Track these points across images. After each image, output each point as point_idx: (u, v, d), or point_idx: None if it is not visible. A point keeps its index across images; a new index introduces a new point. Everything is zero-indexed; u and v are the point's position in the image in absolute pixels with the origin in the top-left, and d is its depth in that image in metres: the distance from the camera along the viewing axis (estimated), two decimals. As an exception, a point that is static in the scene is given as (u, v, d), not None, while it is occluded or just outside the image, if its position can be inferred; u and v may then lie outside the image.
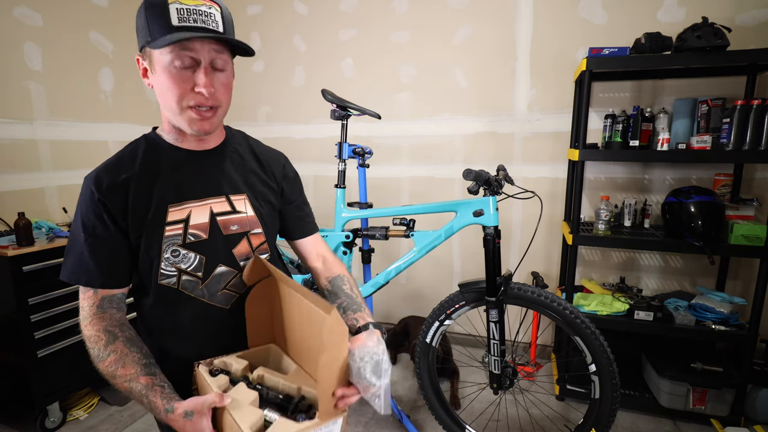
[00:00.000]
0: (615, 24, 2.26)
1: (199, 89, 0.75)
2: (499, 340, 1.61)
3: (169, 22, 0.70)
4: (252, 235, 0.90)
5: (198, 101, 0.76)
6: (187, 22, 0.71)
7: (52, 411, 2.01)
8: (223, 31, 0.75)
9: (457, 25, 2.56)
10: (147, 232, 0.80)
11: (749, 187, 2.18)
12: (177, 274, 0.83)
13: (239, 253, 0.88)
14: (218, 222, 0.86)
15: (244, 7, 3.02)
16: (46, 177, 2.35)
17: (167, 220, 0.81)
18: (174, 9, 0.70)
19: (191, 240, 0.83)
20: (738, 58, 1.81)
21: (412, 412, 2.16)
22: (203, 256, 0.84)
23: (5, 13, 2.16)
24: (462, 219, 1.64)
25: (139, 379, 0.74)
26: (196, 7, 0.71)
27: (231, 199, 0.88)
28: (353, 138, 2.78)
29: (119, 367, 0.75)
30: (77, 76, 2.50)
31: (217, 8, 0.74)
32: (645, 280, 2.43)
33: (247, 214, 0.89)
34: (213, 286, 0.86)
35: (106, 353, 0.75)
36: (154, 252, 0.81)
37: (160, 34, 0.71)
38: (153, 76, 0.77)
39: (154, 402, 0.72)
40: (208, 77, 0.75)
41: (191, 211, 0.83)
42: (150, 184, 0.81)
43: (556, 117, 2.45)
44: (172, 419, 0.70)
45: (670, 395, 2.02)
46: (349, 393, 0.75)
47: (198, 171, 0.85)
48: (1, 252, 1.81)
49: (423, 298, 2.93)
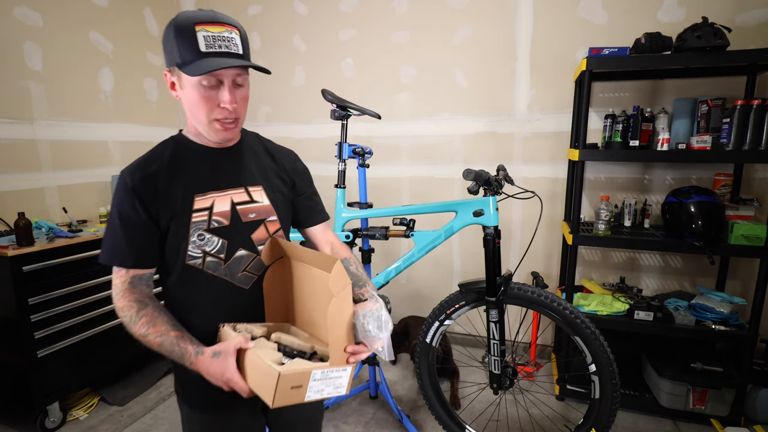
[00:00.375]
0: (615, 24, 2.26)
1: (224, 105, 0.86)
2: (499, 340, 1.61)
3: (198, 48, 0.81)
4: (268, 222, 0.99)
5: (223, 115, 0.88)
6: (213, 48, 0.82)
7: (52, 411, 2.01)
8: (242, 53, 0.86)
9: (457, 25, 2.56)
10: (176, 218, 0.90)
11: (749, 187, 2.18)
12: (202, 255, 0.92)
13: (257, 238, 0.98)
14: (238, 210, 0.95)
15: (245, 7, 3.02)
16: (46, 177, 2.35)
17: (194, 208, 0.91)
18: (201, 36, 0.81)
19: (215, 225, 0.92)
20: (738, 58, 1.81)
21: (412, 412, 2.16)
22: (225, 240, 0.94)
23: (5, 13, 2.16)
24: (462, 219, 1.64)
25: (169, 333, 0.85)
26: (220, 33, 0.83)
27: (249, 190, 0.97)
28: (353, 138, 2.78)
29: (151, 326, 0.86)
30: (77, 76, 2.50)
31: (236, 32, 0.86)
32: (645, 280, 2.43)
33: (264, 204, 0.99)
34: (234, 267, 0.95)
35: (137, 318, 0.86)
36: (182, 235, 0.90)
37: (190, 58, 0.82)
38: (181, 91, 0.88)
39: (185, 348, 0.83)
40: (231, 95, 0.86)
41: (214, 201, 0.93)
42: (177, 177, 0.91)
43: (556, 117, 2.45)
44: (201, 360, 0.81)
45: (670, 395, 2.02)
46: (359, 350, 0.83)
47: (219, 165, 0.96)
48: (1, 252, 1.81)
49: (423, 298, 2.93)
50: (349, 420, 2.09)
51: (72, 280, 2.04)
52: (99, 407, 2.22)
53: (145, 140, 2.92)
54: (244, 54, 0.87)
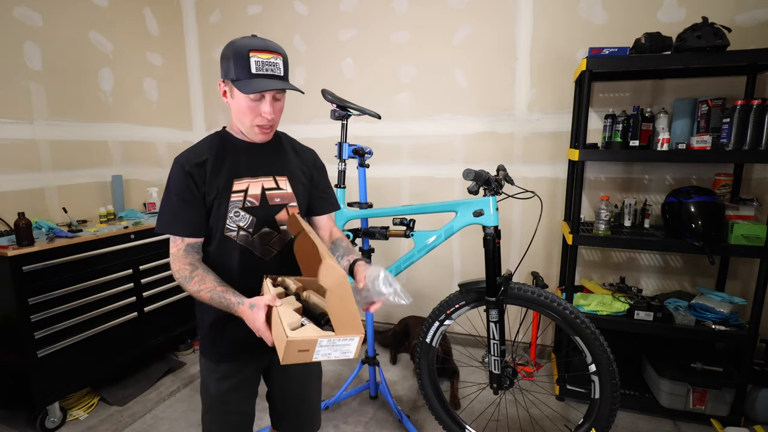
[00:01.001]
0: (615, 24, 2.26)
1: (265, 115, 1.08)
2: (499, 340, 1.61)
3: (249, 69, 1.03)
4: (290, 207, 1.20)
5: (263, 123, 1.10)
6: (261, 71, 1.04)
7: (52, 411, 2.01)
8: (283, 75, 1.09)
9: (457, 25, 2.56)
10: (219, 197, 1.11)
11: (749, 187, 2.18)
12: (236, 229, 1.13)
13: (280, 219, 1.18)
14: (267, 195, 1.16)
15: (244, 7, 3.02)
16: (46, 177, 2.35)
17: (233, 189, 1.12)
18: (253, 61, 1.03)
19: (248, 205, 1.13)
20: (738, 58, 1.81)
21: (412, 412, 2.16)
22: (254, 218, 1.14)
23: (5, 13, 2.16)
24: (462, 219, 1.64)
25: (216, 288, 1.03)
26: (268, 59, 1.05)
27: (276, 179, 1.19)
28: (353, 138, 2.78)
29: (201, 284, 1.04)
30: (77, 76, 2.50)
31: (281, 58, 1.07)
32: (645, 280, 2.43)
33: (287, 191, 1.20)
34: (258, 241, 1.15)
35: (191, 277, 1.05)
36: (222, 211, 1.11)
37: (243, 76, 1.04)
38: (232, 100, 1.10)
39: (229, 299, 1.00)
40: (271, 107, 1.08)
41: (249, 185, 1.14)
42: (222, 164, 1.12)
43: (556, 117, 2.45)
44: (241, 309, 0.98)
45: (670, 395, 2.02)
46: (373, 308, 1.02)
47: (255, 158, 1.17)
48: (1, 252, 1.81)
49: (423, 298, 2.93)
50: (349, 420, 2.09)
51: (72, 280, 2.04)
52: (99, 407, 2.22)
53: (145, 140, 2.92)
54: (284, 76, 1.09)
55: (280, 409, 1.32)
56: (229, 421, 1.23)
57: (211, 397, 1.21)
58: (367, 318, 2.13)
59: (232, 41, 1.07)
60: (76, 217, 2.38)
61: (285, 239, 1.19)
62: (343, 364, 2.63)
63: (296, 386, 1.31)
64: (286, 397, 1.31)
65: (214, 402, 1.22)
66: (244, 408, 1.25)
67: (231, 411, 1.22)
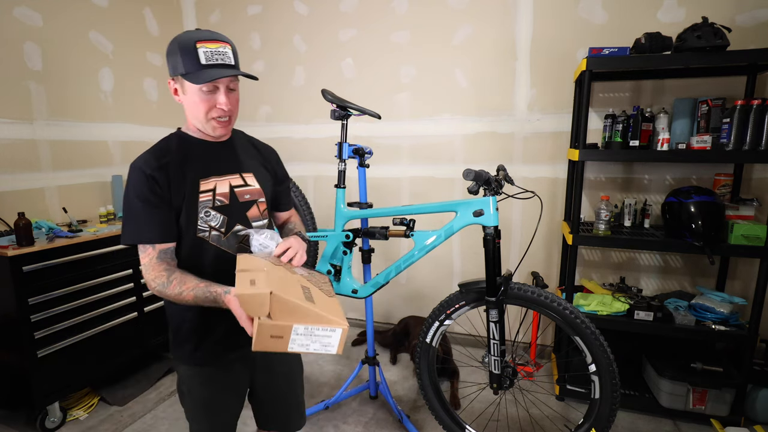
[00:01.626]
0: (615, 24, 2.26)
1: (220, 106, 1.05)
2: (499, 340, 1.61)
3: (199, 61, 1.00)
4: (260, 203, 1.19)
5: (219, 114, 1.07)
6: (211, 61, 1.01)
7: (52, 411, 2.01)
8: (234, 63, 1.05)
9: (457, 25, 2.56)
10: (187, 199, 1.07)
11: (749, 187, 2.18)
12: (208, 229, 1.10)
13: (251, 215, 1.17)
14: (235, 192, 1.14)
15: (244, 7, 3.02)
16: (46, 177, 2.35)
17: (200, 190, 1.09)
18: (201, 52, 1.00)
19: (218, 204, 1.11)
20: (738, 58, 1.81)
21: (412, 412, 2.16)
22: (226, 217, 1.12)
23: (5, 13, 2.16)
24: (462, 219, 1.63)
25: (199, 285, 1.01)
26: (216, 49, 1.02)
27: (243, 175, 1.17)
28: (353, 138, 2.78)
29: (183, 284, 1.01)
30: (77, 76, 2.50)
31: (229, 47, 1.05)
32: (645, 280, 2.43)
33: (255, 187, 1.18)
34: (232, 239, 1.13)
35: (169, 281, 1.02)
36: (192, 213, 1.07)
37: (193, 69, 1.01)
38: (184, 96, 1.06)
39: (215, 291, 0.98)
40: (227, 98, 1.05)
41: (216, 184, 1.11)
42: (184, 165, 1.08)
43: (556, 117, 2.45)
44: (228, 298, 0.96)
45: (670, 395, 2.02)
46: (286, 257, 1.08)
47: (218, 156, 1.15)
48: (1, 252, 1.81)
49: (423, 298, 2.93)
50: (349, 420, 2.09)
51: (72, 280, 2.04)
52: (99, 407, 2.22)
53: (145, 140, 2.92)
54: (235, 64, 1.06)
55: (267, 409, 1.31)
56: (217, 423, 1.21)
57: (196, 401, 1.18)
58: (367, 318, 2.13)
59: (176, 37, 1.04)
60: (76, 217, 2.38)
61: None
62: (343, 364, 2.63)
63: (283, 382, 1.30)
64: (274, 395, 1.29)
65: (199, 407, 1.18)
66: (232, 409, 1.23)
67: (219, 413, 1.20)
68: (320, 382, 2.44)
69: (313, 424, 2.06)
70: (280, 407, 1.31)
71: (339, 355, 2.74)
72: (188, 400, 1.19)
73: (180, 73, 1.02)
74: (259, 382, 1.27)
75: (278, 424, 1.33)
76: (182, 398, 1.21)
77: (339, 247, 1.93)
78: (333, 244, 1.94)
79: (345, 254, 1.94)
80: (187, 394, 1.19)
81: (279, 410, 1.32)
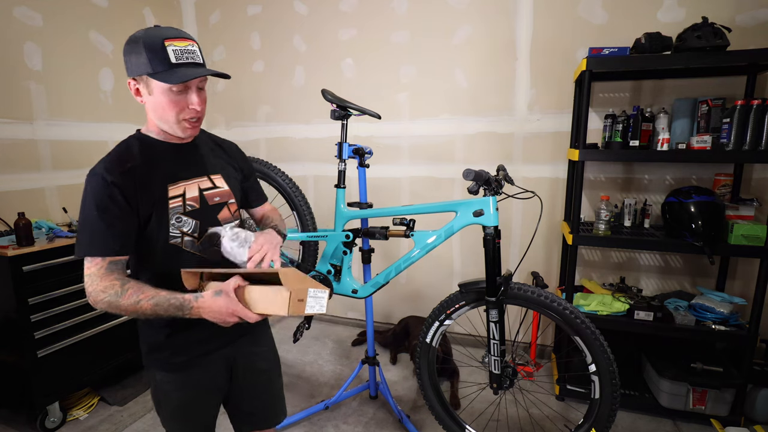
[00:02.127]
0: (615, 24, 2.26)
1: (193, 107, 1.01)
2: (499, 340, 1.61)
3: (169, 60, 0.95)
4: (230, 204, 1.17)
5: (191, 116, 1.03)
6: (181, 60, 0.96)
7: (52, 411, 2.01)
8: (203, 62, 1.03)
9: (457, 25, 2.56)
10: (157, 205, 1.03)
11: (749, 187, 2.18)
12: (180, 235, 1.07)
13: (223, 218, 1.14)
14: (205, 195, 1.11)
15: (244, 7, 3.02)
16: (46, 177, 2.35)
17: (169, 196, 1.05)
18: (171, 50, 0.95)
19: (189, 209, 1.07)
20: (738, 58, 1.81)
21: (412, 412, 2.16)
22: (197, 221, 1.09)
23: (5, 13, 2.16)
24: (462, 219, 1.63)
25: (160, 293, 0.96)
26: (185, 47, 0.98)
27: (211, 178, 1.14)
28: (353, 138, 2.78)
29: (140, 293, 0.96)
30: (77, 76, 2.50)
31: (196, 45, 1.01)
32: (645, 280, 2.43)
33: (224, 189, 1.16)
34: (206, 243, 1.10)
35: (123, 291, 0.96)
36: (164, 220, 1.04)
37: (163, 68, 0.95)
38: (149, 97, 1.01)
39: (183, 298, 0.95)
40: (198, 97, 1.01)
41: (185, 188, 1.08)
42: (151, 171, 1.03)
43: (556, 117, 2.45)
44: (201, 303, 0.94)
45: (670, 395, 2.02)
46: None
47: (185, 159, 1.11)
48: (1, 252, 1.81)
49: (423, 298, 2.93)
50: (349, 420, 2.09)
51: (72, 280, 2.03)
52: (99, 407, 2.22)
53: (145, 140, 2.92)
54: (203, 63, 1.03)
55: (247, 408, 1.27)
56: (198, 425, 1.19)
57: (174, 407, 1.15)
58: (367, 318, 2.13)
59: (136, 35, 0.97)
60: (76, 218, 2.38)
61: None
62: (343, 364, 2.63)
63: (265, 377, 1.28)
64: (255, 390, 1.26)
65: (178, 411, 1.15)
66: (212, 410, 1.21)
67: (199, 415, 1.18)
68: (320, 382, 2.44)
69: (313, 424, 2.06)
70: (261, 401, 1.29)
71: (339, 356, 2.75)
72: (166, 407, 1.16)
73: (147, 73, 0.96)
74: (242, 376, 1.23)
75: (260, 417, 1.30)
76: (158, 406, 1.17)
77: (339, 247, 1.93)
78: (333, 244, 1.94)
79: (345, 254, 1.94)
80: (164, 401, 1.15)
81: (261, 403, 1.29)
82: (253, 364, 1.25)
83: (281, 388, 1.36)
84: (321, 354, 2.77)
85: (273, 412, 1.33)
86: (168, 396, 1.14)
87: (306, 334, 2.96)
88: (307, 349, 2.84)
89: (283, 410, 1.36)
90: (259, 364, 1.27)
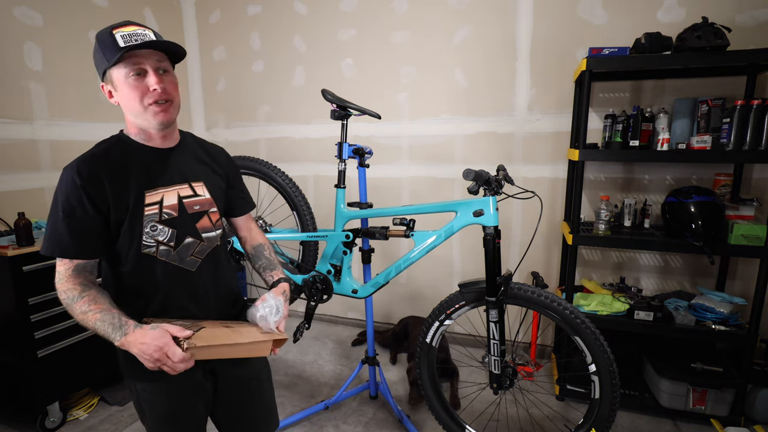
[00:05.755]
0: (615, 24, 2.26)
1: (153, 87, 0.96)
2: (499, 340, 1.61)
3: (118, 45, 0.93)
4: (211, 213, 1.12)
5: (154, 98, 0.97)
6: (130, 42, 0.94)
7: (52, 411, 2.01)
8: (156, 39, 0.97)
9: (457, 25, 2.56)
10: (131, 212, 0.99)
11: (749, 187, 2.18)
12: (155, 244, 1.03)
13: (202, 227, 1.10)
14: (184, 203, 1.07)
15: (244, 7, 3.02)
16: (46, 177, 2.35)
17: (145, 203, 1.01)
18: (119, 36, 0.94)
19: (165, 217, 1.03)
20: (738, 58, 1.81)
21: (412, 412, 2.16)
22: (174, 230, 1.05)
23: (5, 13, 2.16)
24: (462, 219, 1.64)
25: (111, 310, 0.94)
26: (134, 31, 0.96)
27: (192, 185, 1.10)
28: (353, 138, 2.78)
29: (93, 303, 0.94)
30: (77, 76, 2.50)
31: (150, 31, 0.98)
32: (645, 280, 2.43)
33: (206, 197, 1.12)
34: (182, 252, 1.07)
35: (80, 297, 0.95)
36: (137, 227, 1.00)
37: (113, 55, 0.93)
38: (117, 93, 0.99)
39: (125, 321, 0.92)
40: (157, 77, 0.97)
41: (163, 195, 1.04)
42: (126, 176, 1.00)
43: (556, 117, 2.45)
44: (138, 331, 0.90)
45: (670, 395, 2.02)
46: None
47: (165, 164, 1.06)
48: (1, 252, 1.81)
49: (423, 298, 2.93)
50: (349, 420, 2.09)
51: (72, 280, 2.03)
52: (99, 407, 2.22)
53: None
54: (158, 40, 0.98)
55: (231, 422, 1.22)
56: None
57: (160, 415, 1.10)
58: (367, 318, 2.13)
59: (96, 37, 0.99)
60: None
61: (210, 246, 1.11)
62: (343, 365, 2.63)
63: (252, 385, 1.23)
64: (241, 401, 1.21)
65: (165, 421, 1.11)
66: (201, 415, 1.16)
67: (188, 422, 1.13)
68: (320, 382, 2.44)
69: (313, 424, 2.06)
70: (245, 413, 1.22)
71: (339, 356, 2.75)
72: (151, 417, 1.11)
73: (106, 67, 0.96)
74: (226, 386, 1.18)
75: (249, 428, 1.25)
76: (142, 416, 1.13)
77: (339, 247, 1.93)
78: (333, 244, 1.94)
79: (345, 254, 1.94)
80: (148, 411, 1.10)
81: (246, 416, 1.22)
82: (236, 373, 1.19)
83: (272, 396, 1.30)
84: (321, 354, 2.77)
85: (261, 423, 1.27)
86: (153, 405, 1.10)
87: (306, 334, 2.96)
88: (307, 349, 2.84)
89: (275, 420, 1.30)
90: (243, 373, 1.20)
